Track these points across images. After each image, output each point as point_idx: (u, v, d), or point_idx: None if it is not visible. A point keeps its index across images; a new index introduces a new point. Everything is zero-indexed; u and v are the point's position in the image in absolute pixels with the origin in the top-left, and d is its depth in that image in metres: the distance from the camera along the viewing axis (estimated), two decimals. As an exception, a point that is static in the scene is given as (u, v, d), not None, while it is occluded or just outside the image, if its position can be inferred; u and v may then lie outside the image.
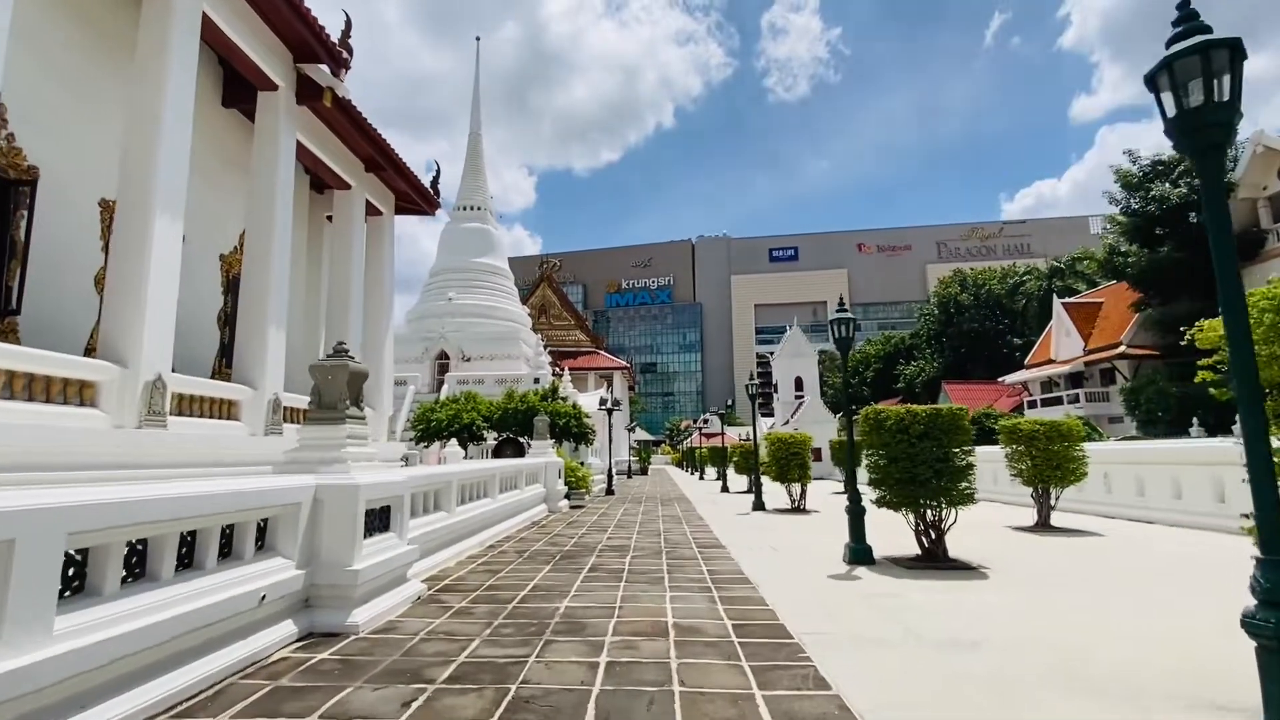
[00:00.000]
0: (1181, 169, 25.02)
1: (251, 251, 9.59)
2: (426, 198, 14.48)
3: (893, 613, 5.38)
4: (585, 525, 12.28)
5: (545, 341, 45.24)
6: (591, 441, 20.88)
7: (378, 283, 13.51)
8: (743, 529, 11.69)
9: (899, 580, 6.82)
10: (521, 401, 19.21)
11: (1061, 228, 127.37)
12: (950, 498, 7.72)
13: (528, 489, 13.31)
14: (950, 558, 7.96)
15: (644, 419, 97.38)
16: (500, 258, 34.53)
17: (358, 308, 12.19)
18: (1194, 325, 4.69)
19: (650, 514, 14.59)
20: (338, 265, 12.15)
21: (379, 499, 5.68)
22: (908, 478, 7.75)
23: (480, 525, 9.63)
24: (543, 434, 15.76)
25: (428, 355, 29.47)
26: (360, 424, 5.92)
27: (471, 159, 35.96)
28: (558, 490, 15.15)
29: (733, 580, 6.83)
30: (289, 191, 9.97)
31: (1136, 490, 13.32)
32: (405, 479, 6.16)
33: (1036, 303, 45.93)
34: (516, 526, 11.53)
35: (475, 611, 5.52)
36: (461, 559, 8.23)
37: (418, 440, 20.22)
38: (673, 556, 8.43)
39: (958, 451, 7.80)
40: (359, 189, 12.52)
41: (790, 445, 15.25)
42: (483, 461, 13.19)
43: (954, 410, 7.89)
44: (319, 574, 4.99)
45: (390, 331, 13.73)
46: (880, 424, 8.06)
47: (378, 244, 13.69)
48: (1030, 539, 10.16)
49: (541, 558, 8.40)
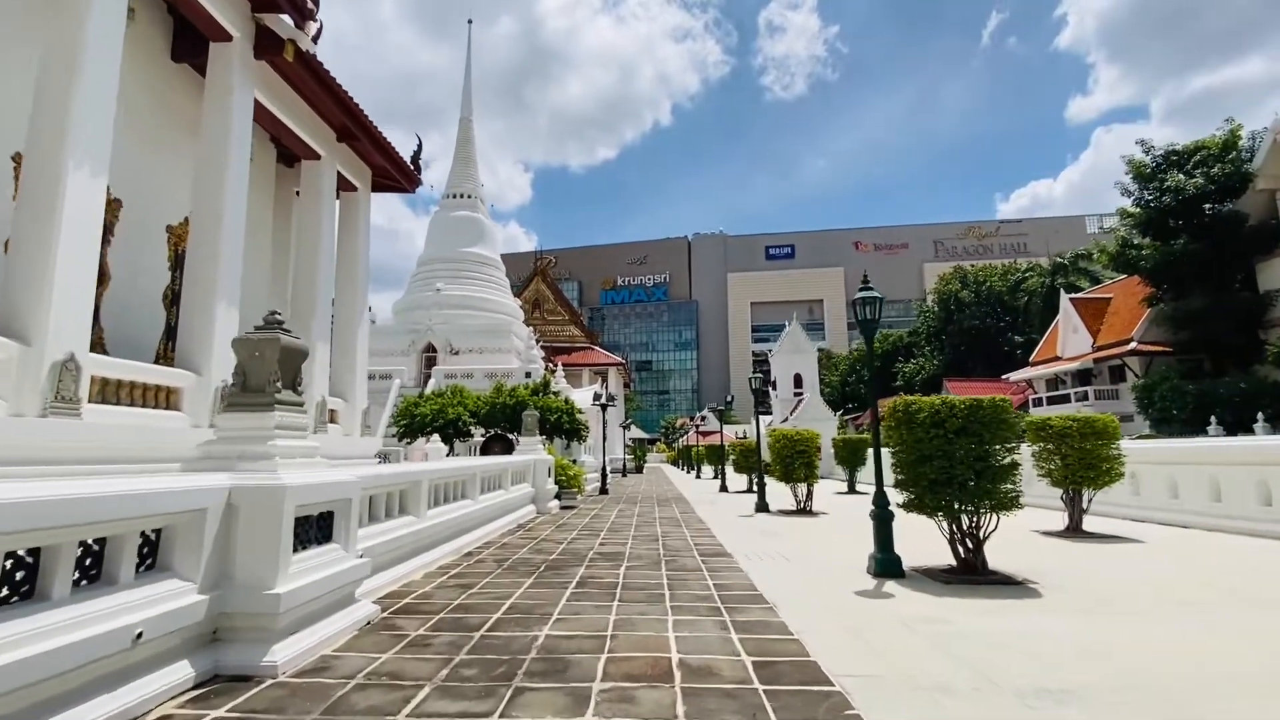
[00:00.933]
0: (1197, 159, 24.18)
1: (200, 219, 8.50)
2: (406, 173, 13.39)
3: (946, 645, 4.38)
4: (576, 529, 11.25)
5: (539, 337, 44.12)
6: (584, 438, 19.85)
7: (352, 262, 12.42)
8: (748, 533, 10.69)
9: (939, 599, 5.82)
10: (510, 396, 18.15)
11: (1058, 227, 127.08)
12: (992, 501, 6.74)
13: (514, 489, 12.27)
14: (990, 570, 6.97)
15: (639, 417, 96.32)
16: (491, 248, 33.35)
17: (326, 287, 11.10)
18: (1209, 320, 3.69)
19: (647, 516, 13.57)
20: (305, 241, 11.06)
21: (317, 503, 4.64)
22: (943, 479, 6.75)
23: (456, 530, 8.58)
24: (531, 430, 14.71)
25: (414, 348, 28.30)
26: (296, 412, 4.86)
27: (462, 145, 34.75)
28: (547, 490, 14.12)
29: (745, 599, 5.81)
30: (244, 153, 8.88)
31: (1169, 492, 12.41)
32: (353, 479, 5.11)
33: (1039, 300, 45.14)
34: (499, 530, 10.49)
35: (434, 643, 4.48)
36: (431, 570, 7.19)
37: (401, 436, 19.14)
38: (673, 567, 7.41)
39: (1000, 449, 6.82)
40: (329, 160, 11.43)
41: (796, 443, 14.25)
42: (461, 459, 12.13)
43: (996, 402, 6.89)
44: (231, 599, 3.94)
45: (365, 316, 12.66)
46: (911, 418, 7.05)
47: (352, 221, 12.60)
48: (1066, 546, 9.19)
49: (524, 568, 7.37)
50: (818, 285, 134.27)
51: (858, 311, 7.64)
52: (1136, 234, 25.68)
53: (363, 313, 12.44)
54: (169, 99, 9.60)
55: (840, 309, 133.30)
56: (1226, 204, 24.51)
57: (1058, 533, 10.41)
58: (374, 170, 13.12)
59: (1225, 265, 24.00)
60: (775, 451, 14.54)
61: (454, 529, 8.49)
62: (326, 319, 11.04)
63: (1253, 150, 23.86)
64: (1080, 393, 29.67)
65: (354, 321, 12.26)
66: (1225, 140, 24.21)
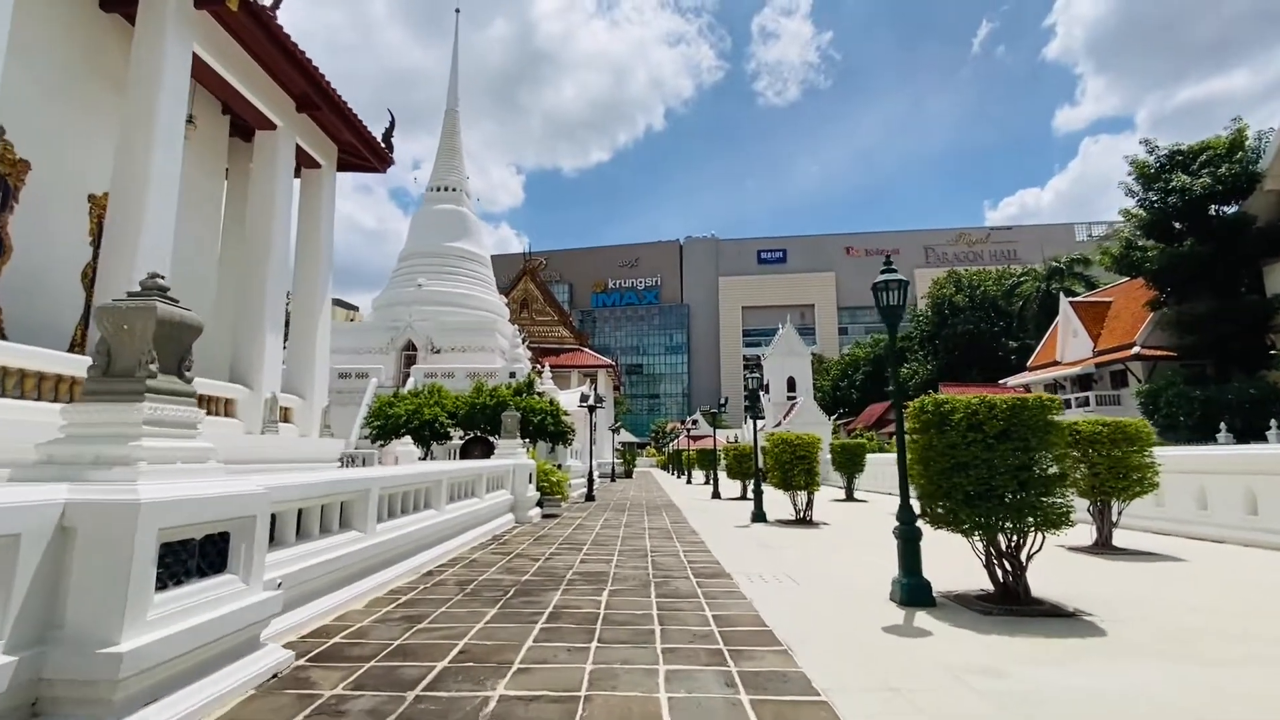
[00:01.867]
0: (1203, 159, 23.54)
1: (122, 184, 7.36)
2: (376, 151, 12.29)
3: (1016, 709, 3.36)
4: (556, 541, 10.16)
5: (526, 337, 42.93)
6: (570, 442, 18.75)
7: (312, 245, 11.29)
8: (746, 547, 9.66)
9: (985, 638, 4.81)
10: (491, 396, 17.02)
11: (1047, 235, 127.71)
12: (1038, 518, 5.75)
13: (489, 496, 11.17)
14: (1034, 597, 5.98)
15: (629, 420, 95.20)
16: (477, 243, 32.13)
17: (280, 270, 9.96)
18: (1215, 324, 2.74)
19: (635, 526, 12.51)
20: (256, 218, 9.93)
21: (201, 523, 3.54)
22: (982, 490, 5.76)
23: (416, 546, 7.47)
24: (512, 432, 13.61)
25: (393, 346, 27.02)
26: (180, 404, 3.77)
27: (447, 137, 33.56)
28: (528, 497, 13.01)
29: (752, 637, 4.77)
30: (177, 113, 7.75)
31: (1197, 503, 11.53)
32: (258, 491, 4.01)
33: (1035, 304, 44.61)
34: (470, 544, 9.39)
35: (349, 710, 3.40)
36: (379, 596, 6.08)
37: (375, 438, 17.94)
38: (665, 592, 6.35)
39: (1047, 455, 5.84)
40: (287, 131, 10.31)
41: (796, 448, 13.25)
42: (427, 464, 11.04)
43: (1043, 401, 5.91)
44: (56, 660, 2.85)
45: (327, 303, 11.52)
46: (944, 419, 6.06)
47: (314, 200, 11.48)
48: (1101, 566, 8.23)
49: (489, 593, 6.28)
50: (809, 290, 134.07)
51: (880, 298, 6.64)
52: (1141, 235, 25.02)
53: (324, 301, 11.30)
54: (97, 53, 8.45)
55: (832, 313, 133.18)
56: (1233, 205, 23.92)
57: (1086, 549, 9.47)
58: (341, 147, 12.01)
59: (1232, 268, 23.37)
60: (773, 457, 13.54)
61: (413, 544, 7.39)
62: (279, 305, 9.91)
63: (1259, 150, 23.28)
64: (1081, 398, 28.96)
65: (313, 310, 11.12)
66: (1232, 140, 23.62)
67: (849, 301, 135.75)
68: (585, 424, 21.72)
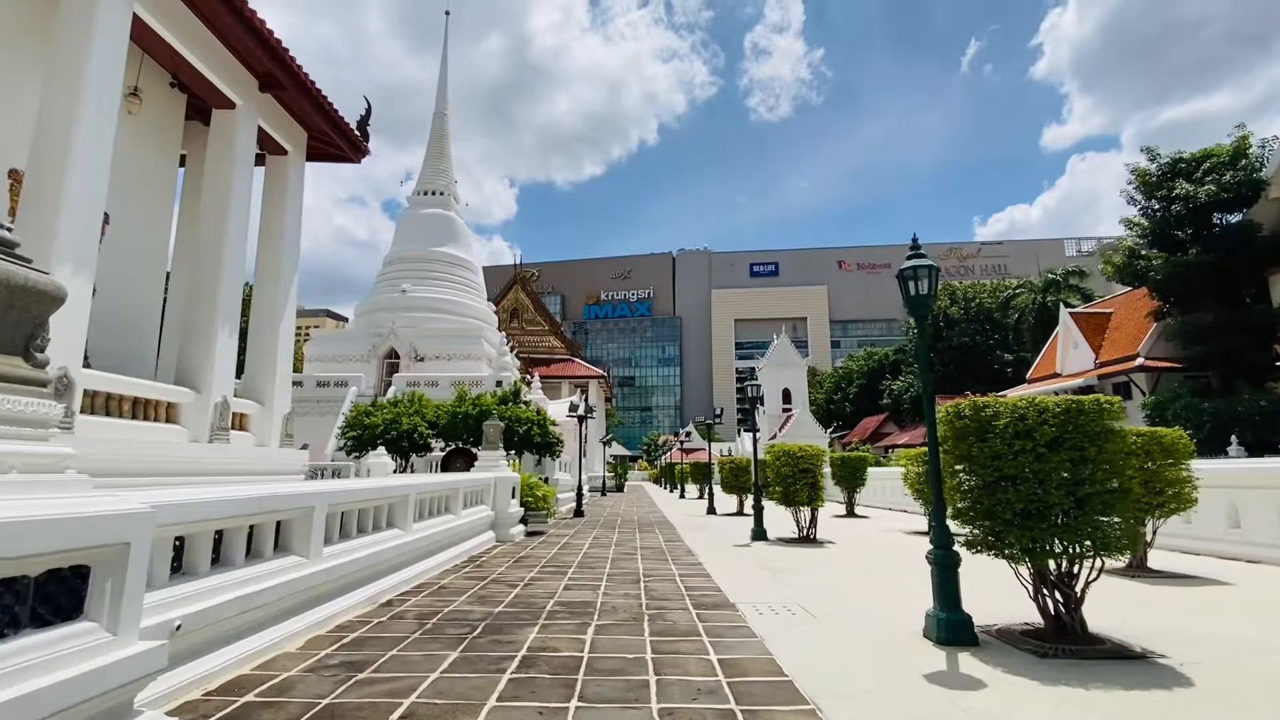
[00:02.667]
0: (1206, 166, 23.14)
1: (40, 159, 6.45)
2: (350, 138, 11.44)
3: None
4: (539, 563, 9.20)
5: (516, 347, 41.96)
6: (558, 454, 17.78)
7: (275, 237, 10.38)
8: (748, 570, 8.74)
9: (1052, 689, 3.93)
10: (474, 405, 16.05)
11: (1038, 249, 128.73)
12: (1099, 541, 4.90)
13: (467, 513, 10.20)
14: (1092, 634, 5.12)
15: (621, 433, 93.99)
16: (465, 248, 31.17)
17: (236, 263, 9.03)
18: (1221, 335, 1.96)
19: (626, 544, 11.56)
20: (210, 205, 9.01)
21: (42, 554, 2.61)
22: (1035, 507, 4.91)
23: (373, 572, 6.51)
24: (494, 442, 12.66)
25: (375, 353, 25.94)
26: (22, 394, 2.85)
27: (435, 140, 32.72)
28: (510, 514, 12.04)
29: (770, 691, 3.87)
30: (110, 77, 6.87)
31: (1229, 520, 10.77)
32: (134, 511, 3.07)
33: (1031, 317, 44.18)
34: (443, 566, 8.42)
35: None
36: (320, 634, 5.12)
37: (350, 450, 16.91)
38: (660, 628, 5.43)
39: (1108, 468, 5.01)
40: (248, 111, 9.44)
41: (799, 460, 12.38)
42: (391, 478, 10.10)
43: (1101, 404, 5.08)
44: None
45: (292, 301, 10.58)
46: (985, 425, 5.22)
47: (279, 189, 10.58)
48: (1145, 592, 7.39)
49: (454, 629, 5.33)
50: (801, 303, 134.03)
51: (907, 287, 5.82)
52: (1145, 244, 24.53)
53: (288, 298, 10.37)
54: (27, 7, 7.57)
55: (824, 327, 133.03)
56: (1236, 214, 23.51)
57: (1121, 571, 8.62)
58: (311, 133, 11.15)
59: (1236, 277, 22.89)
60: (774, 470, 12.66)
61: (370, 570, 6.43)
62: (234, 301, 8.97)
63: (1263, 159, 22.92)
64: (1083, 411, 28.18)
65: (276, 308, 10.18)
66: (1234, 148, 23.27)
67: (841, 315, 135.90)
68: (575, 435, 20.76)
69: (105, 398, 7.14)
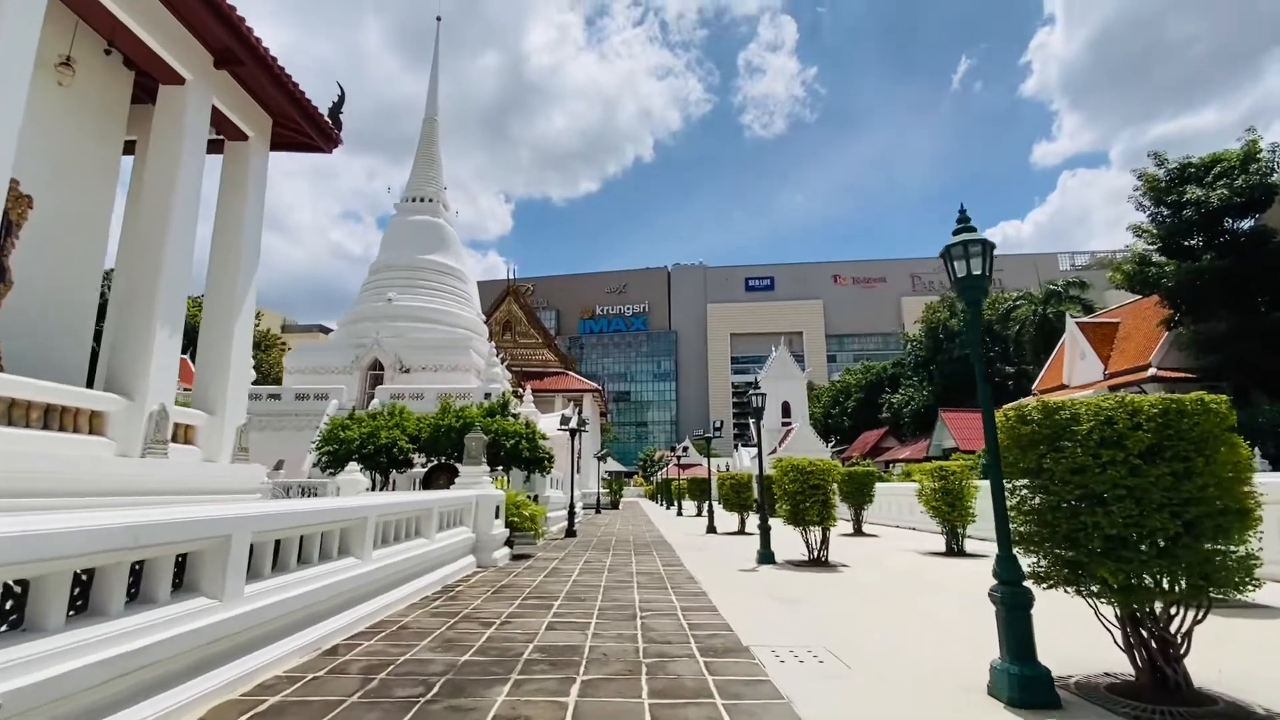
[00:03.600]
0: (1216, 171, 22.52)
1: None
2: (320, 126, 10.52)
3: None
4: (521, 594, 8.12)
5: (509, 360, 40.88)
6: (548, 469, 16.70)
7: (233, 229, 9.40)
8: (759, 601, 7.69)
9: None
10: (458, 417, 14.98)
11: (1032, 263, 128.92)
12: (1214, 573, 3.92)
13: (442, 536, 9.13)
14: (1199, 691, 4.12)
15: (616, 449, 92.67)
16: (455, 256, 30.17)
17: (180, 253, 8.02)
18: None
19: (621, 570, 10.48)
20: (152, 190, 8.03)
21: None
22: (1133, 534, 3.93)
23: (315, 613, 5.44)
24: (476, 456, 11.60)
25: (358, 365, 24.80)
26: None
27: (425, 146, 31.86)
28: (493, 535, 10.95)
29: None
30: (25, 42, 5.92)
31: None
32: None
33: (1032, 328, 43.44)
34: (409, 599, 7.33)
35: None
36: (232, 697, 4.05)
37: (326, 467, 15.79)
38: (662, 686, 4.38)
39: (1219, 483, 4.04)
40: (200, 87, 8.51)
41: (809, 475, 11.37)
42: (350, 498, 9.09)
43: (1206, 403, 4.12)
44: None
45: (250, 301, 9.55)
46: (1060, 431, 4.25)
47: (238, 179, 9.62)
48: (1220, 627, 6.36)
49: (403, 689, 4.27)
50: (797, 317, 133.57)
51: (954, 267, 4.87)
52: (1155, 251, 23.82)
53: (244, 299, 9.35)
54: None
55: (820, 341, 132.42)
56: (1249, 218, 22.85)
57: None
58: (276, 118, 10.23)
59: (1250, 283, 22.15)
60: (782, 487, 11.63)
61: (313, 609, 5.37)
62: (178, 298, 7.96)
63: (1274, 163, 22.32)
64: (1093, 423, 27.22)
65: (232, 308, 9.16)
66: (1244, 152, 22.68)
67: (837, 329, 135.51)
68: (568, 450, 19.68)
69: (9, 404, 6.09)
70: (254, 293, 9.68)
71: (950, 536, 13.40)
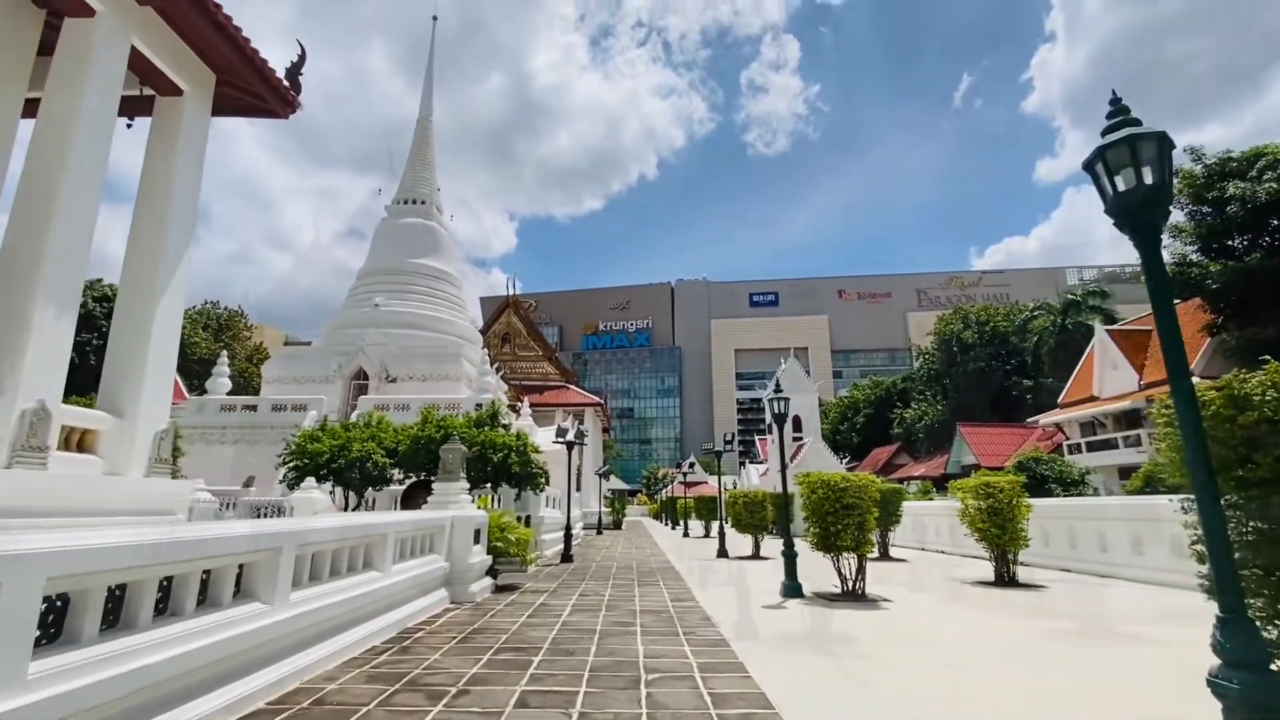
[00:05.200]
0: (1262, 164, 21.03)
1: None
2: (273, 86, 9.09)
3: None
4: (495, 643, 6.44)
5: (507, 373, 39.32)
6: (542, 486, 15.03)
7: (159, 197, 7.90)
8: (798, 655, 6.01)
9: None
10: (439, 428, 13.37)
11: (1039, 278, 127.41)
12: None
13: (403, 568, 7.48)
14: None
15: (620, 466, 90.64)
16: (447, 260, 28.71)
17: (77, 217, 6.51)
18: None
19: (622, 606, 8.78)
20: (42, 137, 6.55)
21: None
22: None
23: (185, 686, 3.79)
24: (453, 471, 9.97)
25: (341, 374, 23.23)
26: None
27: (419, 147, 30.59)
28: (471, 564, 9.28)
29: None
30: None
31: None
32: None
33: (1051, 340, 41.74)
34: (346, 653, 5.67)
35: None
36: None
37: (293, 483, 14.17)
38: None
39: None
40: (113, 21, 7.07)
41: (843, 493, 9.68)
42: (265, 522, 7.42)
43: None
44: None
45: (180, 282, 8.02)
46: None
47: (168, 138, 8.15)
48: None
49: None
50: (802, 333, 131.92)
51: (1115, 181, 3.29)
52: (1196, 251, 22.28)
53: (170, 282, 7.82)
54: None
55: (826, 356, 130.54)
56: (1296, 215, 21.36)
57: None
58: (221, 74, 8.80)
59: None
60: (811, 507, 9.96)
61: (184, 682, 3.72)
62: (71, 271, 6.43)
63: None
64: (1130, 436, 25.53)
65: (153, 289, 7.63)
66: (1290, 144, 21.28)
67: (843, 345, 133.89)
68: (564, 465, 18.02)
69: None
70: (186, 277, 8.16)
71: (1000, 563, 11.70)
